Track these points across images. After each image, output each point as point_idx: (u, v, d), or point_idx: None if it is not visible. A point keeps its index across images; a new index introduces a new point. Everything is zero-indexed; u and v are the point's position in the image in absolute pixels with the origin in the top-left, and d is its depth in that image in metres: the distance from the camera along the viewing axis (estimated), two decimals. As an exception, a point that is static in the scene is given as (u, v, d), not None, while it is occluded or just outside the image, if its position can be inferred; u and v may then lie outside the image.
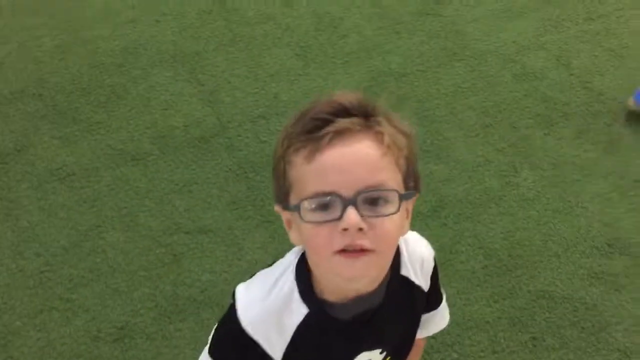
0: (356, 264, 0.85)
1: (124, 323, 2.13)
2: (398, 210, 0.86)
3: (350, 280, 0.91)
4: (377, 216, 0.85)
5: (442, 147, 2.61)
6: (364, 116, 0.88)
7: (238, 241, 2.32)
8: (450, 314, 1.27)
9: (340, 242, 0.84)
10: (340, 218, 0.83)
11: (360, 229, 0.83)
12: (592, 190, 2.48)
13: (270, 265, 1.07)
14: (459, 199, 2.44)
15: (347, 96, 0.90)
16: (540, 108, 2.75)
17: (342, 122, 0.86)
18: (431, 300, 1.17)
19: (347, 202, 0.83)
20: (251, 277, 1.07)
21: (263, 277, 1.05)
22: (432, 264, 1.13)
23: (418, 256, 1.08)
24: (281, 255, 1.05)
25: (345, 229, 0.83)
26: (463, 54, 2.96)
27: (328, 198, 0.84)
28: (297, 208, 0.87)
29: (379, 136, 0.87)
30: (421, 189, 0.97)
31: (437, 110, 2.75)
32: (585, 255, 2.30)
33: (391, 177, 0.87)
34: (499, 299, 2.18)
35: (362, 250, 0.85)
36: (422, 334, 1.23)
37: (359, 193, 0.83)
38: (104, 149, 2.61)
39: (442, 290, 1.23)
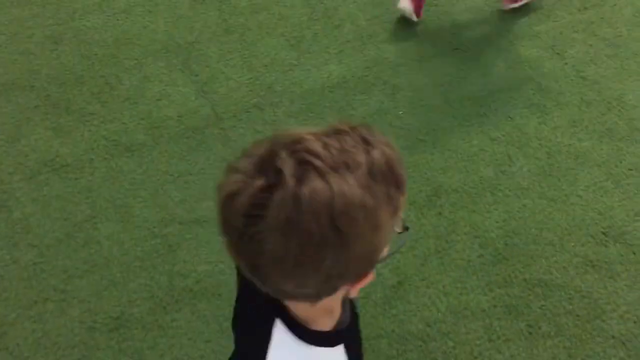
0: None
1: (120, 313, 2.13)
2: None
3: None
4: None
5: (437, 137, 2.61)
6: None
7: (233, 231, 2.31)
8: (446, 302, 1.27)
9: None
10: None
11: None
12: (586, 179, 2.48)
13: None
14: (454, 188, 2.44)
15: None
16: (534, 97, 2.75)
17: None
18: None
19: None
20: None
21: None
22: None
23: None
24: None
25: None
26: (457, 43, 2.96)
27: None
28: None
29: None
30: None
31: (432, 99, 2.74)
32: (580, 243, 2.31)
33: None
34: (495, 287, 2.19)
35: None
36: None
37: None
38: (98, 140, 2.60)
39: None
